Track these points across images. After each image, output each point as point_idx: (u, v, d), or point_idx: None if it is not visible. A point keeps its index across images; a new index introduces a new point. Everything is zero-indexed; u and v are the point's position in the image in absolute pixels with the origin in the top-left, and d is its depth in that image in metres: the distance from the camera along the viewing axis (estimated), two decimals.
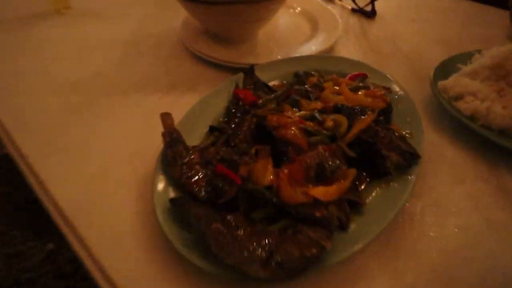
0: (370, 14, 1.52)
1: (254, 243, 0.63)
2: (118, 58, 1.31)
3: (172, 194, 0.75)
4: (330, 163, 0.72)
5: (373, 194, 0.76)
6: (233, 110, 0.95)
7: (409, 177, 0.78)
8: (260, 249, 0.62)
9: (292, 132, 0.77)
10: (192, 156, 0.79)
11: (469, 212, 0.80)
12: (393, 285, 0.67)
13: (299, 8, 1.50)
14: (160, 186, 0.76)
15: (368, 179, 0.79)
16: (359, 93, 0.94)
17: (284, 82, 1.08)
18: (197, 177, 0.75)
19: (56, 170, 0.91)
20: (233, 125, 0.89)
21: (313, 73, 1.06)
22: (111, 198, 0.84)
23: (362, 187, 0.78)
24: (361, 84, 1.01)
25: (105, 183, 0.87)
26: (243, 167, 0.72)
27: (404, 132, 0.88)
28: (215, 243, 0.62)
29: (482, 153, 0.92)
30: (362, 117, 0.81)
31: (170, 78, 1.21)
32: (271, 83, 1.06)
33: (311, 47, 1.26)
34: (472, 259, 0.71)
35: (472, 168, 0.90)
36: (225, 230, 0.65)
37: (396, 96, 0.99)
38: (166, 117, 0.84)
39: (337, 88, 0.96)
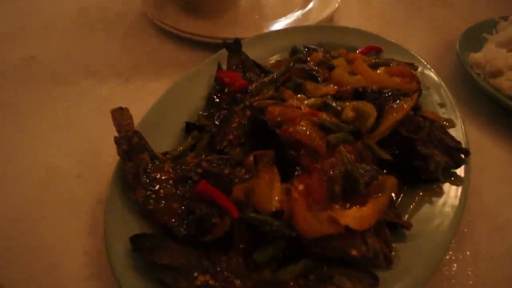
0: None
1: None
2: (60, 37, 1.00)
3: (135, 227, 0.52)
4: (361, 171, 0.51)
5: (415, 209, 0.56)
6: (217, 100, 0.71)
7: (460, 181, 0.58)
8: None
9: (303, 129, 0.55)
10: (162, 170, 0.55)
11: None
12: None
13: None
14: (117, 216, 0.52)
15: (403, 189, 0.59)
16: (380, 71, 0.72)
17: (280, 60, 0.84)
18: (170, 200, 0.52)
19: None
20: (217, 121, 0.66)
21: (315, 47, 0.83)
22: (48, 230, 0.59)
23: (398, 201, 0.57)
24: (377, 59, 0.79)
25: (40, 206, 0.62)
26: (238, 187, 0.49)
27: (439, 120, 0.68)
28: None
29: None
30: (395, 104, 0.59)
31: (129, 59, 0.93)
32: (262, 62, 0.82)
33: (307, 17, 1.02)
34: None
35: None
36: (218, 286, 0.43)
37: (420, 75, 0.78)
38: (120, 115, 0.58)
39: (350, 66, 0.74)
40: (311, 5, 1.09)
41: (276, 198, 0.48)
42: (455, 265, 0.56)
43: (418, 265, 0.47)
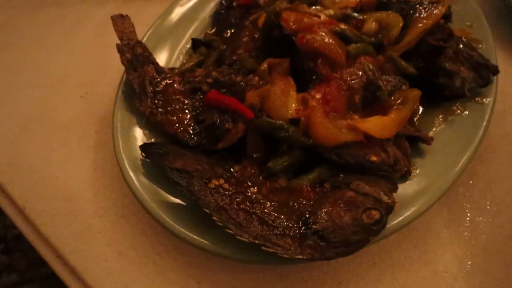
0: None
1: (278, 207, 0.41)
2: None
3: (144, 138, 0.50)
4: (384, 80, 0.47)
5: (434, 127, 0.53)
6: (226, 16, 0.66)
7: (485, 101, 0.54)
8: (288, 216, 0.40)
9: (322, 37, 0.50)
10: (170, 81, 0.52)
11: None
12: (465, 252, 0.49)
13: None
14: (125, 127, 0.50)
15: (422, 107, 0.55)
16: None
17: None
18: (179, 111, 0.49)
19: None
20: (227, 37, 0.61)
21: None
22: (59, 148, 0.58)
23: (417, 116, 0.55)
24: None
25: (44, 127, 0.60)
26: (251, 92, 0.45)
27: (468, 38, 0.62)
28: (217, 209, 0.40)
29: None
30: (424, 13, 0.53)
31: None
32: None
33: None
34: None
35: None
36: (231, 190, 0.42)
37: None
38: (121, 22, 0.53)
39: None
40: None
41: (293, 105, 0.45)
42: (472, 183, 0.55)
43: (435, 178, 0.46)
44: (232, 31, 0.63)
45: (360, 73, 0.48)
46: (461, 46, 0.56)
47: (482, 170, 0.57)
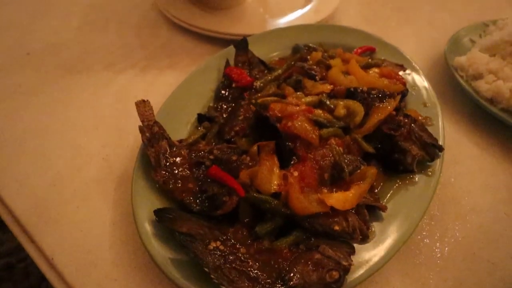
0: None
1: (262, 266, 0.52)
2: (78, 26, 1.08)
3: (156, 202, 0.62)
4: (347, 161, 0.61)
5: (390, 193, 0.66)
6: (225, 94, 0.80)
7: (432, 173, 0.68)
8: (269, 273, 0.52)
9: (300, 124, 0.64)
10: (179, 156, 0.65)
11: (488, 207, 0.72)
12: None
13: None
14: (141, 193, 0.62)
15: (384, 176, 0.69)
16: (371, 72, 0.81)
17: (282, 58, 0.92)
18: (186, 181, 0.62)
19: (11, 171, 0.74)
20: (225, 113, 0.75)
21: (316, 47, 0.91)
22: (83, 204, 0.69)
23: (381, 185, 0.68)
24: (370, 60, 0.87)
25: (71, 184, 0.72)
26: (244, 171, 0.59)
27: (421, 118, 0.77)
28: (214, 268, 0.51)
29: (503, 139, 0.83)
30: (381, 104, 0.68)
31: (144, 52, 1.01)
32: (265, 58, 0.90)
33: (310, 15, 1.09)
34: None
35: (490, 157, 0.81)
36: (226, 251, 0.53)
37: (409, 75, 0.87)
38: (143, 106, 0.68)
39: (346, 65, 0.82)
40: (313, 2, 1.15)
41: (275, 182, 0.58)
42: (425, 242, 0.67)
43: (390, 239, 0.58)
44: (231, 107, 0.77)
45: (330, 154, 0.61)
46: (413, 126, 0.71)
47: (433, 229, 0.69)
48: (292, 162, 0.61)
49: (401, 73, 0.84)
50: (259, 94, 0.76)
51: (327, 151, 0.61)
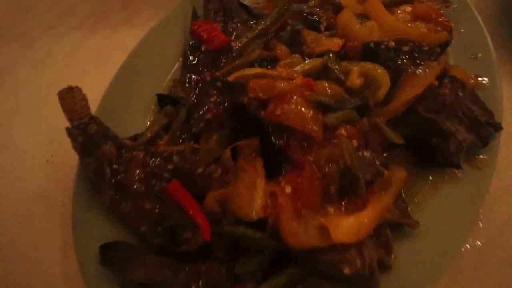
0: None
1: None
2: None
3: (106, 230, 0.46)
4: (364, 164, 0.41)
5: (422, 197, 0.47)
6: (194, 62, 0.58)
7: (484, 165, 0.48)
8: None
9: (295, 109, 0.43)
10: (132, 162, 0.47)
11: None
12: None
13: None
14: (86, 220, 0.47)
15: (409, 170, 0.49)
16: (400, 13, 0.55)
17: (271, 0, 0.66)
18: (140, 200, 0.45)
19: None
20: (194, 95, 0.54)
21: None
22: (26, 226, 0.55)
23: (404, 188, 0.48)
24: None
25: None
26: (211, 195, 0.40)
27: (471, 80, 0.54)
28: None
29: None
30: (417, 69, 0.45)
31: (92, 4, 0.76)
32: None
33: None
34: None
35: None
36: None
37: (452, 11, 0.61)
38: (70, 97, 0.47)
39: (363, 4, 0.57)
40: None
41: (259, 203, 0.40)
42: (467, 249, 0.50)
43: (421, 272, 0.41)
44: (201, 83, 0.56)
45: (339, 154, 0.42)
46: (461, 95, 0.49)
47: (478, 234, 0.52)
48: (283, 170, 0.42)
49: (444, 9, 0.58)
50: (237, 62, 0.53)
51: (334, 150, 0.42)
